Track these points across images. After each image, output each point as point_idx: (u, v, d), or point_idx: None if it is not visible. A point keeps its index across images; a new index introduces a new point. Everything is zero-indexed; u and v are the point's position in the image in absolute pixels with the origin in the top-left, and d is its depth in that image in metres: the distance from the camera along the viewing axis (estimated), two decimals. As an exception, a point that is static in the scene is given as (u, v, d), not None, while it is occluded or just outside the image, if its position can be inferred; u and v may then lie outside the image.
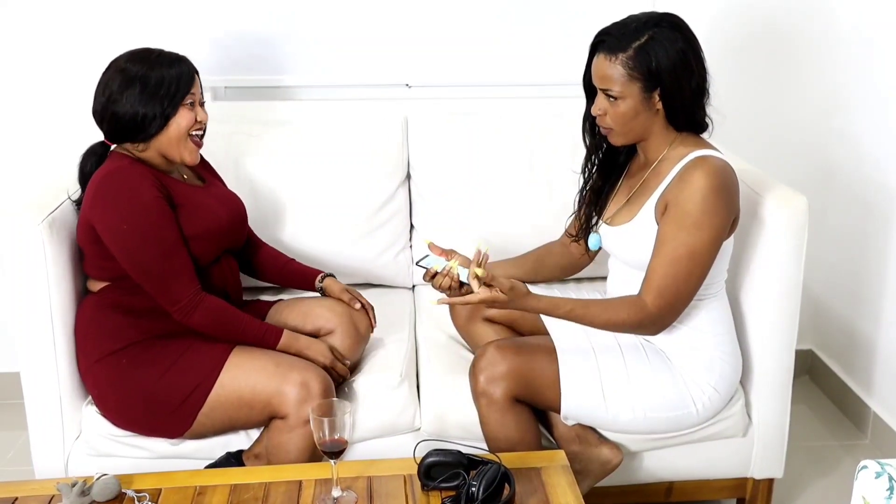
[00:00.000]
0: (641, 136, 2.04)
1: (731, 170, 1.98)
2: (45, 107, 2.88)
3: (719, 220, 1.94)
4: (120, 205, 2.02)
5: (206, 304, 2.07)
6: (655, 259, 1.97)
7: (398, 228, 2.71)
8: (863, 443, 2.78)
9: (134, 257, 2.03)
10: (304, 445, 2.05)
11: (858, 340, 2.85)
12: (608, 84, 1.96)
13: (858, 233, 2.81)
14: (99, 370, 2.12)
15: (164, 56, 2.08)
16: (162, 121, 2.05)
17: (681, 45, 1.94)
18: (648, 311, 1.96)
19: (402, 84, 2.93)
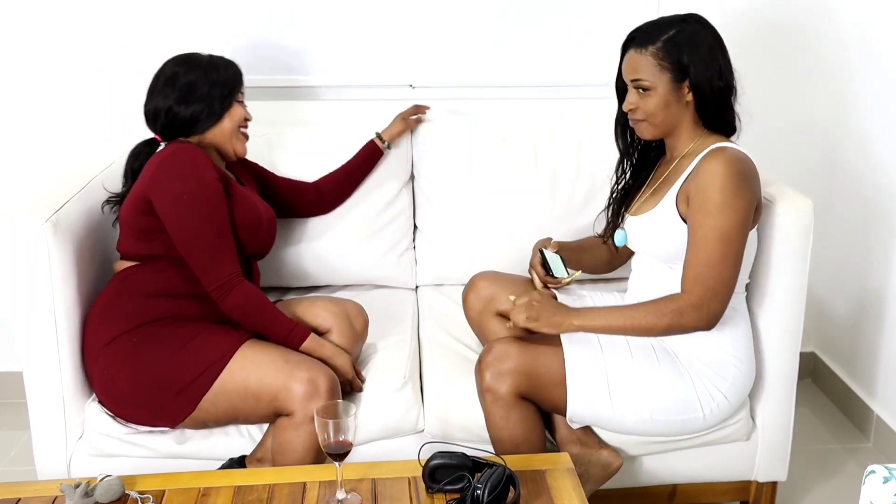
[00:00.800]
0: (671, 130, 2.07)
1: (749, 160, 2.01)
2: (49, 106, 2.88)
3: (743, 202, 1.95)
4: (184, 177, 2.10)
5: (243, 287, 2.11)
6: (689, 250, 1.99)
7: (402, 230, 2.71)
8: (866, 446, 2.78)
9: (187, 229, 2.09)
10: (310, 443, 2.04)
11: (862, 343, 2.85)
12: (639, 74, 2.02)
13: (863, 235, 2.81)
14: (110, 352, 2.11)
15: (214, 58, 2.24)
16: (217, 116, 2.20)
17: (709, 40, 2.02)
18: (691, 302, 1.97)
19: (405, 85, 2.92)
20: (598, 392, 2.05)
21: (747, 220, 1.97)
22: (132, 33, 2.82)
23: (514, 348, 2.05)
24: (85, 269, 2.21)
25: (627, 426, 2.10)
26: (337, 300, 2.34)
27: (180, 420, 2.11)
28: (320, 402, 1.99)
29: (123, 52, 2.83)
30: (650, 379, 2.06)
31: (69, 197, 2.21)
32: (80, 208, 2.23)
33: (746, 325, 2.14)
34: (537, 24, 2.89)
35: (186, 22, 2.82)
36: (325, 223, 2.64)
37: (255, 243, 2.28)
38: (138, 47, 2.81)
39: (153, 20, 2.81)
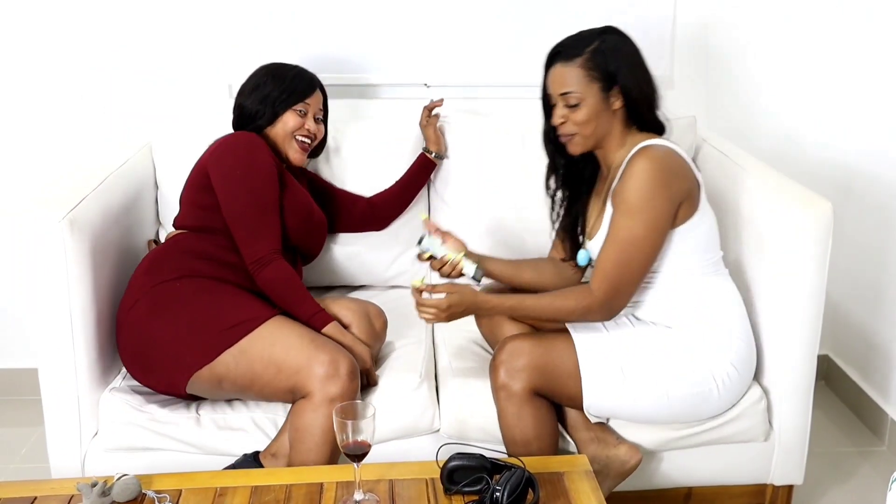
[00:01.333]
0: (600, 142, 2.09)
1: (673, 156, 2.02)
2: (66, 104, 2.87)
3: (658, 205, 1.98)
4: (239, 154, 2.26)
5: (279, 264, 2.18)
6: (604, 245, 2.03)
7: (416, 230, 2.69)
8: (880, 449, 2.76)
9: (236, 201, 2.21)
10: (329, 425, 2.03)
11: (876, 346, 2.83)
12: (568, 87, 2.03)
13: (877, 238, 2.80)
14: (148, 298, 2.16)
15: (293, 69, 2.43)
16: (271, 117, 2.36)
17: (630, 47, 2.06)
18: (595, 297, 2.01)
19: (420, 84, 2.92)
20: (613, 378, 2.06)
21: (663, 221, 2.00)
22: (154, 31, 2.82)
23: (526, 344, 2.07)
24: (101, 266, 2.20)
25: (645, 411, 2.10)
26: (358, 300, 2.35)
27: (197, 367, 2.10)
28: (339, 384, 2.03)
29: (133, 50, 2.83)
30: (661, 360, 2.07)
31: (85, 194, 2.21)
32: (97, 205, 2.23)
33: (737, 298, 2.16)
34: (554, 23, 2.88)
35: (204, 23, 2.82)
36: (339, 222, 2.63)
37: (306, 237, 2.38)
38: (158, 45, 2.81)
39: (174, 20, 2.82)
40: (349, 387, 2.06)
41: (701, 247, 2.09)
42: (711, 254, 2.12)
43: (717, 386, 2.09)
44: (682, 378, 2.07)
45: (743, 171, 2.42)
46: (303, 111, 2.38)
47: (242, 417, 2.19)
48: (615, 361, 2.05)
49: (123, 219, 2.37)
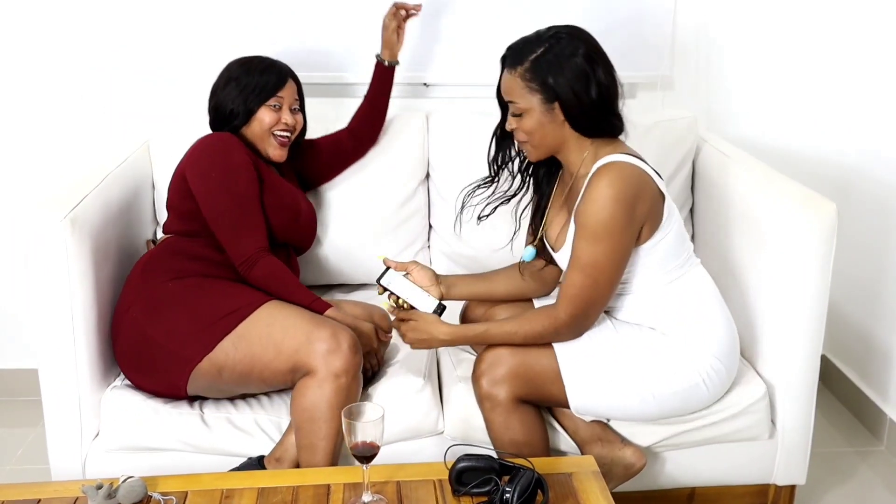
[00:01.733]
0: (555, 149, 2.05)
1: (634, 173, 1.95)
2: (62, 102, 2.85)
3: (619, 229, 1.94)
4: (213, 155, 2.24)
5: (267, 260, 2.18)
6: (567, 269, 2.01)
7: (417, 228, 2.70)
8: (878, 449, 2.77)
9: (213, 204, 2.19)
10: (336, 402, 2.02)
11: (874, 346, 2.84)
12: (510, 97, 2.01)
13: (875, 238, 2.81)
14: (143, 299, 2.16)
15: (263, 62, 2.36)
16: (245, 116, 2.32)
17: (579, 55, 1.95)
18: (562, 320, 2.00)
19: (420, 83, 2.91)
20: (596, 379, 2.05)
21: (625, 244, 1.96)
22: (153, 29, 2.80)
23: (505, 352, 2.05)
24: (101, 265, 2.19)
25: (634, 410, 2.09)
26: (363, 304, 2.35)
27: (197, 360, 2.08)
28: (342, 357, 2.02)
29: (130, 48, 2.81)
30: (643, 359, 2.06)
31: (86, 193, 2.19)
32: (97, 204, 2.21)
33: (711, 288, 2.13)
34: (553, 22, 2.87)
35: (203, 19, 2.80)
36: (341, 222, 2.62)
37: (295, 232, 2.38)
38: (157, 43, 2.79)
39: (172, 16, 2.79)
40: (352, 360, 2.05)
41: (669, 254, 2.05)
42: (680, 256, 2.08)
43: (704, 380, 2.08)
44: (666, 377, 2.06)
45: (745, 172, 2.42)
46: (277, 105, 2.33)
47: (246, 418, 2.17)
48: (596, 362, 2.04)
49: (122, 217, 2.35)
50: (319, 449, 2.06)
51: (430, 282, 2.18)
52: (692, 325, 2.08)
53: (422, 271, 2.18)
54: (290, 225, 2.34)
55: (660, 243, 2.02)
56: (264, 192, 2.25)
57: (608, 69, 1.99)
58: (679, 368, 2.07)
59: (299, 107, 2.42)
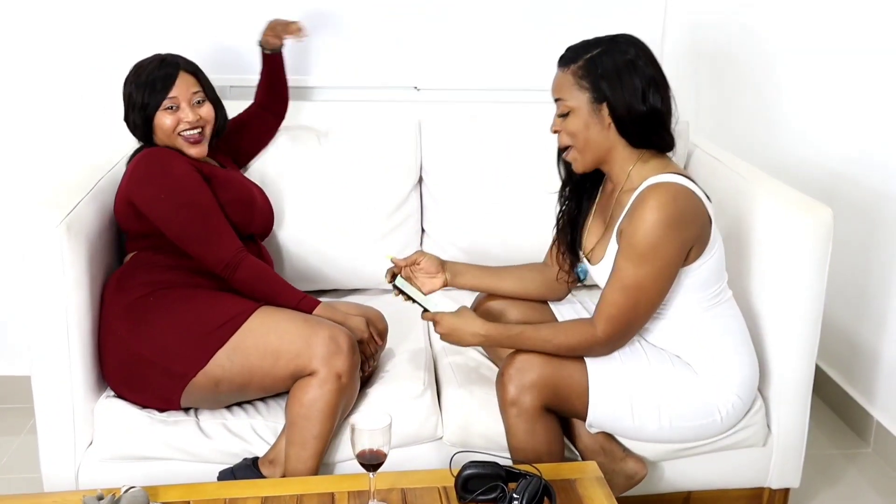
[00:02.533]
0: (601, 158, 2.01)
1: (685, 197, 1.92)
2: (58, 106, 2.82)
3: (668, 253, 1.91)
4: (156, 177, 2.16)
5: (249, 262, 2.15)
6: (607, 287, 1.98)
7: (410, 233, 2.69)
8: (865, 451, 2.81)
9: (175, 224, 2.13)
10: (334, 402, 2.03)
11: (861, 350, 2.88)
12: (560, 94, 1.99)
13: (860, 242, 2.84)
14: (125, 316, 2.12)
15: (148, 64, 2.25)
16: (144, 127, 2.25)
17: (634, 60, 1.94)
18: (598, 338, 1.98)
19: (410, 87, 2.90)
20: (621, 403, 2.04)
21: (672, 267, 1.94)
22: (134, 31, 2.77)
23: (536, 359, 2.02)
24: (96, 271, 2.16)
25: (647, 434, 2.10)
26: (358, 305, 2.32)
27: (191, 375, 2.06)
28: (342, 358, 2.03)
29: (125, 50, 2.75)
30: (669, 386, 2.06)
31: (81, 197, 2.16)
32: (92, 209, 2.18)
33: (740, 324, 2.14)
34: (544, 26, 2.89)
35: (196, 21, 2.78)
36: (333, 226, 2.60)
37: (254, 221, 2.34)
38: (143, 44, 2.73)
39: (166, 17, 2.78)
40: (353, 360, 2.06)
41: (710, 279, 2.04)
42: (717, 283, 2.08)
43: (721, 416, 2.09)
44: (686, 408, 2.06)
45: (738, 177, 2.43)
46: (173, 106, 2.22)
47: (242, 423, 2.15)
48: (625, 391, 2.03)
49: (116, 223, 2.31)
50: (309, 447, 2.05)
51: (437, 269, 2.17)
52: (719, 360, 2.08)
53: (428, 260, 2.17)
54: (247, 215, 2.30)
55: (702, 267, 2.00)
56: (215, 190, 2.21)
57: (662, 82, 1.96)
58: (701, 402, 2.07)
59: (204, 97, 2.29)
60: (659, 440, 2.13)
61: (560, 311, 2.27)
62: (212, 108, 2.30)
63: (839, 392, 2.97)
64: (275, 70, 2.60)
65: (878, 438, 2.78)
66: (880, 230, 2.75)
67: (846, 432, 2.91)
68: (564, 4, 2.86)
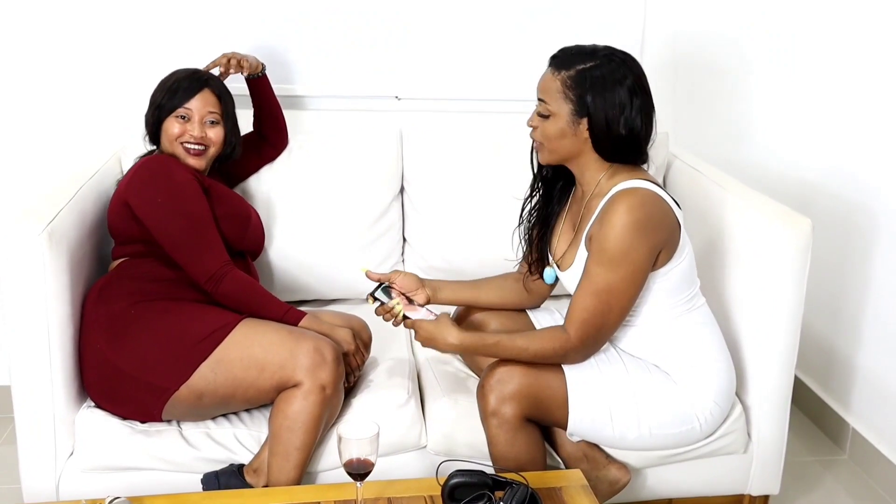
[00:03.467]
0: (567, 160, 2.04)
1: (654, 202, 1.95)
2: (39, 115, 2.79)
3: (638, 256, 1.94)
4: (156, 181, 2.17)
5: (234, 275, 2.14)
6: (578, 291, 1.99)
7: (391, 242, 2.69)
8: (841, 458, 2.84)
9: (167, 230, 2.13)
10: (318, 414, 2.04)
11: (837, 358, 2.91)
12: (544, 96, 2.00)
13: (838, 253, 2.88)
14: (105, 329, 2.10)
15: (180, 73, 2.31)
16: (154, 127, 2.29)
17: (625, 81, 1.94)
18: (573, 344, 2.00)
19: (391, 96, 2.90)
20: (600, 412, 2.06)
21: (642, 271, 1.96)
22: (121, 39, 2.75)
23: (516, 370, 2.03)
24: (77, 279, 2.15)
25: (628, 443, 2.11)
26: (341, 314, 2.33)
27: (174, 389, 2.05)
28: (327, 370, 2.03)
29: (113, 58, 2.76)
30: (647, 396, 2.08)
31: (62, 206, 2.14)
32: (73, 217, 2.16)
33: (715, 330, 2.16)
34: (525, 35, 2.90)
35: (175, 29, 2.76)
36: (315, 236, 2.60)
37: (247, 238, 2.34)
38: (127, 53, 2.75)
39: (144, 27, 2.75)
40: (337, 372, 2.06)
41: (679, 285, 2.07)
42: (688, 289, 2.10)
43: (700, 423, 2.11)
44: (665, 416, 2.08)
45: (718, 188, 2.45)
46: (185, 116, 2.25)
47: (225, 433, 2.14)
48: (603, 395, 2.05)
49: (97, 231, 2.30)
50: (292, 458, 2.04)
51: (416, 286, 2.18)
52: (696, 367, 2.10)
53: (405, 277, 2.18)
54: (241, 231, 2.31)
55: (672, 271, 2.03)
56: (213, 203, 2.21)
57: (647, 108, 1.97)
58: (680, 409, 2.09)
59: (219, 119, 2.30)
60: (640, 448, 2.14)
61: (538, 319, 2.29)
62: (222, 133, 2.31)
63: (815, 400, 3.01)
64: (258, 95, 2.58)
65: (854, 445, 2.81)
66: (855, 241, 2.79)
67: (822, 440, 2.94)
68: (545, 15, 2.88)
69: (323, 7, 2.79)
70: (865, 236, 2.74)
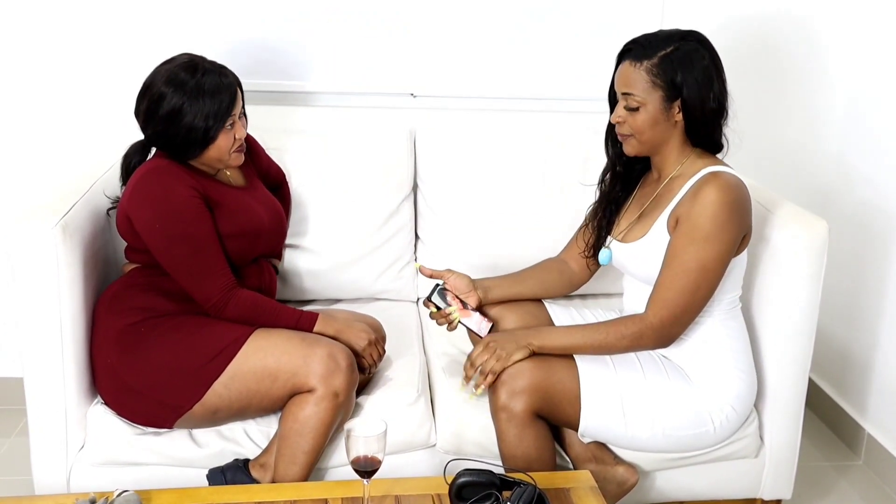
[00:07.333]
0: (656, 149, 2.07)
1: (743, 186, 2.01)
2: (54, 109, 2.80)
3: (729, 236, 1.96)
4: (154, 202, 2.04)
5: (237, 299, 2.08)
6: (664, 271, 1.99)
7: (404, 241, 2.68)
8: (856, 464, 2.81)
9: (166, 254, 2.05)
10: (329, 420, 2.02)
11: (851, 362, 2.89)
12: (630, 89, 2.00)
13: (855, 255, 2.85)
14: (117, 342, 2.08)
15: (206, 81, 2.04)
16: (202, 147, 2.08)
17: (706, 60, 1.99)
18: (651, 323, 1.99)
19: (407, 94, 2.90)
20: (612, 410, 2.04)
21: (730, 252, 1.99)
22: (132, 34, 2.75)
23: (528, 365, 2.03)
24: (90, 273, 2.15)
25: (640, 443, 2.10)
26: (355, 313, 2.32)
27: (188, 407, 2.04)
28: (341, 376, 2.01)
29: (122, 52, 2.76)
30: (662, 396, 2.07)
31: (76, 200, 2.15)
32: (87, 211, 2.17)
33: (745, 336, 2.16)
34: (542, 34, 2.89)
35: (184, 23, 2.76)
36: (327, 234, 2.60)
37: (257, 249, 2.25)
38: (137, 48, 2.75)
39: (152, 21, 2.75)
40: (351, 378, 2.05)
41: (731, 283, 2.08)
42: (735, 291, 2.12)
43: (715, 426, 2.10)
44: (680, 418, 2.07)
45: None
46: (231, 124, 2.08)
47: (234, 427, 2.14)
48: (616, 396, 2.04)
49: (111, 226, 2.31)
50: (299, 462, 2.04)
51: (468, 288, 2.17)
52: (718, 369, 2.09)
53: (458, 279, 2.17)
54: (248, 247, 2.19)
55: (738, 263, 2.06)
56: (219, 220, 2.09)
57: (723, 80, 2.03)
58: (695, 412, 2.08)
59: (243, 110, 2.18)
60: (651, 449, 2.13)
61: (556, 314, 2.27)
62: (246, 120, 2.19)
63: (831, 404, 2.98)
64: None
65: (869, 451, 2.79)
66: (872, 243, 2.76)
67: (837, 445, 2.91)
68: (561, 12, 2.87)
69: (339, 3, 2.79)
70: (882, 239, 2.71)
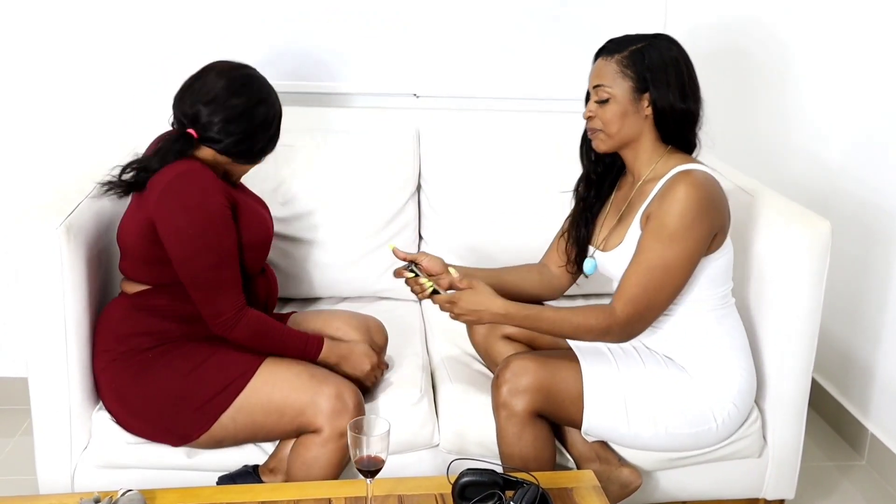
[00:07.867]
0: (626, 144, 2.06)
1: (716, 184, 2.00)
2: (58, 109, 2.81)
3: (697, 234, 1.95)
4: (190, 208, 1.97)
5: (247, 319, 2.04)
6: (630, 267, 1.99)
7: (407, 241, 2.69)
8: (859, 464, 2.81)
9: (189, 262, 1.98)
10: (336, 460, 2.01)
11: (855, 361, 2.88)
12: (601, 80, 2.02)
13: (858, 256, 2.85)
14: (123, 365, 2.06)
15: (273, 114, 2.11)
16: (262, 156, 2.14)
17: (674, 53, 2.02)
18: (617, 318, 1.98)
19: (410, 94, 2.91)
20: (615, 409, 2.05)
21: (698, 251, 1.98)
22: (141, 36, 2.77)
23: (531, 364, 2.03)
24: (94, 274, 2.16)
25: (642, 442, 2.10)
26: (357, 314, 2.32)
27: (194, 437, 2.05)
28: (348, 417, 1.98)
29: (131, 54, 2.77)
30: (665, 393, 2.07)
31: (79, 200, 2.15)
32: (91, 212, 2.18)
33: (742, 332, 2.16)
34: (544, 35, 2.90)
35: (195, 27, 2.77)
36: (330, 233, 2.60)
37: (266, 255, 2.23)
38: (146, 50, 2.76)
39: (162, 23, 2.77)
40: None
41: (720, 278, 2.08)
42: (724, 286, 2.11)
43: (717, 424, 2.10)
44: (682, 416, 2.07)
45: (736, 189, 2.44)
46: None
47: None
48: (619, 394, 2.04)
49: (114, 227, 2.30)
50: None
51: (441, 269, 2.11)
52: (718, 366, 2.09)
53: (431, 260, 2.13)
54: (262, 256, 2.19)
55: (718, 260, 2.05)
56: (240, 226, 2.06)
57: (696, 83, 2.04)
58: (697, 410, 2.08)
59: None
60: (654, 448, 2.13)
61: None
62: None
63: (834, 404, 2.98)
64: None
65: (873, 451, 2.78)
66: (876, 243, 2.76)
67: (840, 445, 2.91)
68: (564, 13, 2.88)
69: (340, 4, 2.79)
70: (886, 239, 2.71)
